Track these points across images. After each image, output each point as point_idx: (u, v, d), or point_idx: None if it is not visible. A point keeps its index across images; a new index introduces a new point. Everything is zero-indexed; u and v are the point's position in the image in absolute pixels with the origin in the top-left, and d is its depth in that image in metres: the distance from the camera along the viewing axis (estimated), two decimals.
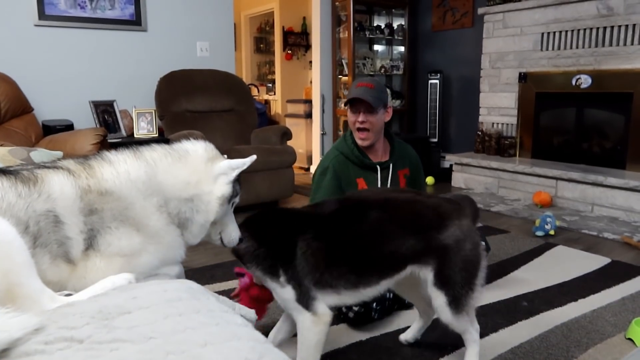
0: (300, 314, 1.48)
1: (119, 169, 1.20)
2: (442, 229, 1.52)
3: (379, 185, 2.23)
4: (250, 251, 1.56)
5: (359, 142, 2.19)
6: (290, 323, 1.68)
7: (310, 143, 5.84)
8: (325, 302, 1.49)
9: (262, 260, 1.54)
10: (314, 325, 1.48)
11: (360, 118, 2.14)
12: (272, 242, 1.54)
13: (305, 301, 1.47)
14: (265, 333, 1.05)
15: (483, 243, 2.29)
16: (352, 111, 2.17)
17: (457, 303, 1.52)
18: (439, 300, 1.53)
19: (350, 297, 1.53)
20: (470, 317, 1.61)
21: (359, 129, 2.17)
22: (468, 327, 1.61)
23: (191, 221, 1.31)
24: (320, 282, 1.47)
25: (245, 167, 1.33)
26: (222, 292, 2.23)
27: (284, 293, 1.48)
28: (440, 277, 1.51)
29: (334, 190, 2.13)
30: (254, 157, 1.34)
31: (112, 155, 1.24)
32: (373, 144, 2.22)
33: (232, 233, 1.42)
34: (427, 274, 1.53)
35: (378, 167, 2.22)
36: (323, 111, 5.56)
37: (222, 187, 1.33)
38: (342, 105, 5.50)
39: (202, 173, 1.30)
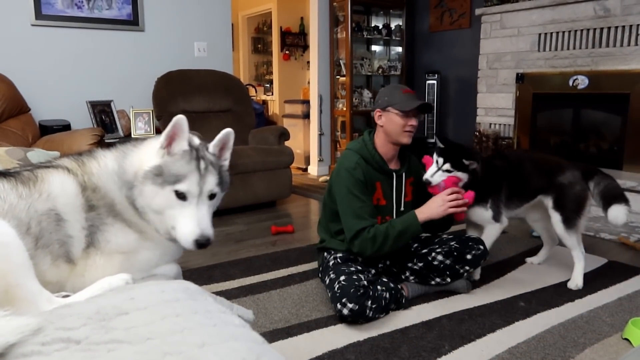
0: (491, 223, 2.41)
1: (100, 162, 1.22)
2: (561, 174, 2.42)
3: (394, 191, 2.33)
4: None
5: (406, 140, 2.27)
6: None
7: (308, 143, 5.84)
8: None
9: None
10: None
11: (414, 122, 2.25)
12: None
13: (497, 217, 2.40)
14: (263, 334, 1.05)
15: (481, 246, 2.31)
16: (406, 115, 2.23)
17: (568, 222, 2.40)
18: (555, 218, 2.43)
19: (508, 214, 2.45)
20: (578, 239, 2.44)
21: (407, 132, 2.26)
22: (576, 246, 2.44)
23: (139, 206, 1.19)
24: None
25: (171, 127, 1.18)
26: (219, 293, 2.24)
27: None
28: (558, 206, 2.42)
29: (363, 186, 2.23)
30: (180, 117, 1.18)
31: (99, 151, 1.26)
32: (395, 154, 2.34)
33: (184, 228, 1.16)
34: (548, 201, 2.45)
35: (394, 174, 2.31)
36: (321, 112, 5.56)
37: (153, 159, 1.19)
38: (340, 107, 5.50)
39: (153, 151, 1.21)
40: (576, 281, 2.44)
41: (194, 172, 1.17)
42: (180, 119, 1.18)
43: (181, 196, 1.16)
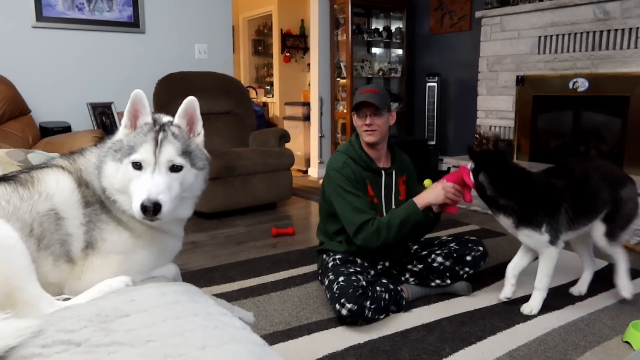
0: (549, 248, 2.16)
1: (87, 158, 1.22)
2: (622, 187, 2.21)
3: (383, 190, 2.33)
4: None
5: (367, 139, 2.28)
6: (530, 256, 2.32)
7: (308, 145, 5.84)
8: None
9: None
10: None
11: (368, 121, 2.25)
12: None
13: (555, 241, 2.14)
14: (263, 336, 1.05)
15: (481, 248, 2.31)
16: (359, 115, 2.28)
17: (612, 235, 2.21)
18: (599, 230, 2.20)
19: (575, 234, 2.23)
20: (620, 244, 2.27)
21: (366, 132, 2.26)
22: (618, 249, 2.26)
23: (107, 192, 1.16)
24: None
25: (130, 103, 1.17)
26: (220, 295, 2.24)
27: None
28: (609, 216, 2.20)
29: (355, 182, 2.24)
30: (138, 91, 1.16)
31: (88, 148, 1.26)
32: (378, 144, 2.32)
33: (133, 197, 1.10)
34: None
35: (383, 172, 2.32)
36: (321, 114, 5.57)
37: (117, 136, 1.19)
38: (340, 109, 5.51)
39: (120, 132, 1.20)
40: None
41: (149, 141, 1.12)
42: (138, 93, 1.16)
43: (137, 166, 1.11)
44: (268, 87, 8.04)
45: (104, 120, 3.92)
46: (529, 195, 2.13)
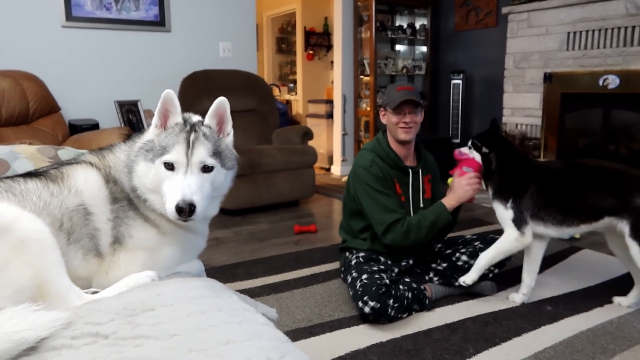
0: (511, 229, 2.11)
1: (116, 155, 1.24)
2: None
3: (410, 188, 2.33)
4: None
5: (403, 136, 2.27)
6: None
7: (331, 143, 5.84)
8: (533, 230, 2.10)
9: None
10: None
11: (407, 119, 2.25)
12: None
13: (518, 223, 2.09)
14: (285, 333, 1.05)
15: None
16: (397, 112, 2.26)
17: None
18: (634, 249, 1.97)
19: (554, 231, 2.11)
20: None
21: (403, 129, 2.26)
22: None
23: (138, 192, 1.17)
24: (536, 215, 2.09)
25: (161, 103, 1.18)
26: (243, 291, 2.26)
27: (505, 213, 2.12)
28: (635, 231, 1.96)
29: (383, 181, 2.23)
30: (168, 91, 1.18)
31: (117, 144, 1.28)
32: (410, 142, 2.32)
33: (167, 198, 1.12)
34: (623, 227, 1.99)
35: (410, 171, 2.33)
36: (344, 111, 5.55)
37: (147, 135, 1.21)
38: (364, 107, 5.49)
39: (150, 132, 1.22)
40: (622, 301, 2.24)
41: (182, 142, 1.13)
42: (169, 93, 1.18)
43: (170, 167, 1.13)
44: (291, 85, 8.06)
45: (131, 117, 3.98)
46: (509, 168, 2.16)
